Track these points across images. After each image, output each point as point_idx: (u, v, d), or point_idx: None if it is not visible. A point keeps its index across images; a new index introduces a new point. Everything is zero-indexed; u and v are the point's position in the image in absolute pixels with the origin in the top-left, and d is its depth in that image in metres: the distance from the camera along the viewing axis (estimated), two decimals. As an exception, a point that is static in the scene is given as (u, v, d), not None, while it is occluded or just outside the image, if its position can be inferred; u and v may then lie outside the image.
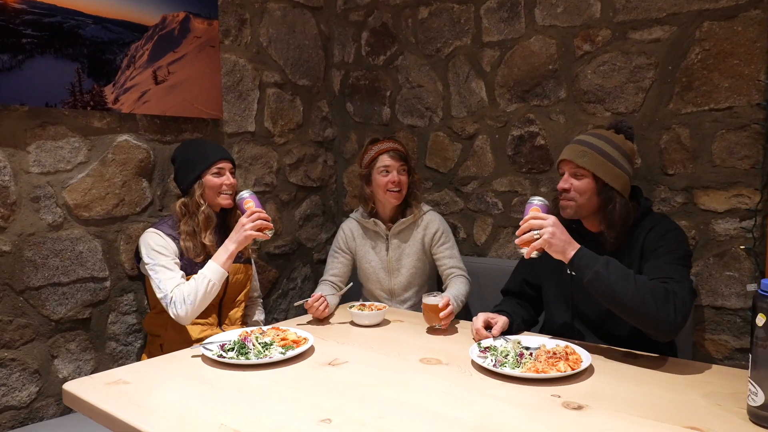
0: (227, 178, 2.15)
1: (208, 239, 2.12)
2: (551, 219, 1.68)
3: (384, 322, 2.18)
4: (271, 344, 1.81)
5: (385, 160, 2.37)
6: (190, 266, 2.10)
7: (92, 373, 2.23)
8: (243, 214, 2.04)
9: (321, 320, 2.22)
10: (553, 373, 1.57)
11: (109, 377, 1.62)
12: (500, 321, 1.90)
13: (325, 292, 2.34)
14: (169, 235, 2.09)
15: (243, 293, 2.31)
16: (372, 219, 2.46)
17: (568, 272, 1.93)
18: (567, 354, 1.68)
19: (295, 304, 2.24)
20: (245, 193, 2.07)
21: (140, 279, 2.34)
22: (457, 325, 2.14)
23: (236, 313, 2.29)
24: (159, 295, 2.00)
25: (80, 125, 2.23)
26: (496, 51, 2.72)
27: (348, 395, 1.49)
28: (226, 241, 2.05)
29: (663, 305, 1.59)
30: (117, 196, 2.36)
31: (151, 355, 2.11)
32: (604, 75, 2.43)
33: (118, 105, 2.30)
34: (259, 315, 2.45)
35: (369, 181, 2.42)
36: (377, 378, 1.61)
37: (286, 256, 3.11)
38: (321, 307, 2.18)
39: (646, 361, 1.71)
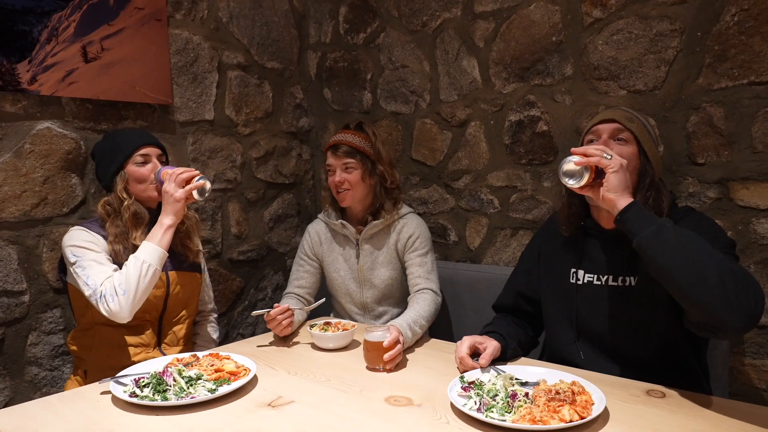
0: (154, 166, 1.82)
1: (139, 240, 1.77)
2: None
3: (353, 345, 1.80)
4: (198, 379, 1.43)
5: (328, 157, 2.08)
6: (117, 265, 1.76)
7: (6, 405, 1.87)
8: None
9: (281, 340, 1.85)
10: (555, 424, 1.19)
11: (-20, 425, 1.26)
12: (490, 347, 1.53)
13: (292, 306, 1.96)
14: (97, 232, 1.77)
15: (189, 307, 1.93)
16: (340, 221, 2.10)
17: (572, 280, 1.56)
18: (574, 394, 1.29)
19: (253, 313, 1.87)
20: (161, 168, 1.79)
21: (67, 291, 1.97)
22: (436, 350, 1.75)
23: (181, 330, 1.92)
24: (87, 293, 1.65)
25: (-13, 109, 1.86)
26: (491, 23, 2.33)
27: (275, 459, 1.12)
28: (159, 218, 1.74)
29: (744, 287, 1.21)
30: (37, 195, 1.98)
31: (77, 384, 1.76)
32: (618, 46, 2.03)
33: (35, 86, 1.93)
34: (213, 333, 2.08)
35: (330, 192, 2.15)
36: (324, 428, 1.25)
37: (253, 263, 2.73)
38: (285, 322, 1.81)
39: (676, 400, 1.32)
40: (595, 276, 1.58)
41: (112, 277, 1.66)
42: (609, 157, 1.35)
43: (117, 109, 2.18)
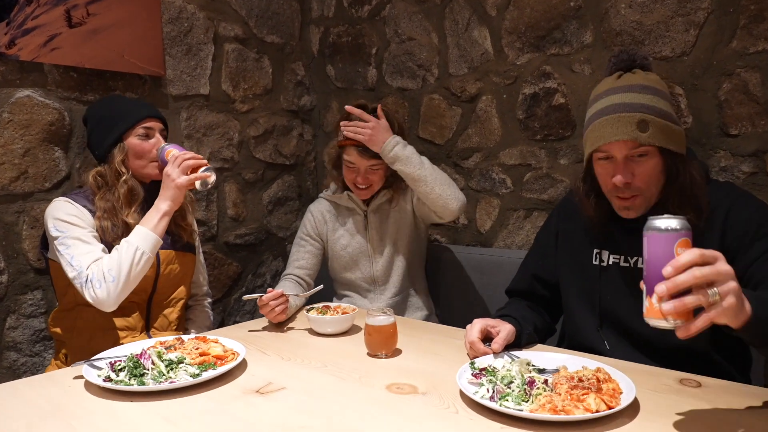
0: (158, 142, 1.68)
1: (132, 217, 1.62)
2: (722, 261, 0.96)
3: (353, 330, 1.66)
4: (180, 363, 1.29)
5: (351, 153, 1.90)
6: (108, 252, 1.61)
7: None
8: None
9: (276, 326, 1.71)
10: (580, 414, 1.03)
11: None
12: (503, 331, 1.38)
13: (289, 290, 1.82)
14: (84, 206, 1.62)
15: (181, 289, 1.79)
16: (346, 193, 2.00)
17: (595, 262, 1.44)
18: (599, 381, 1.14)
19: (244, 297, 1.73)
20: (165, 145, 1.63)
21: (48, 268, 1.83)
22: (443, 336, 1.60)
23: (171, 314, 1.77)
24: (71, 275, 1.51)
25: (-39, 74, 1.73)
26: (504, -11, 2.17)
27: (261, 449, 0.98)
28: (156, 201, 1.60)
29: None
30: (17, 168, 1.85)
31: (57, 369, 1.63)
32: (642, 9, 1.87)
33: (14, 50, 1.79)
34: (205, 319, 1.94)
35: (339, 165, 1.98)
36: (317, 416, 1.11)
37: (251, 247, 2.59)
38: (278, 309, 1.66)
39: (713, 390, 1.17)
40: (622, 257, 1.43)
41: (101, 261, 1.52)
42: (715, 294, 0.92)
43: (104, 79, 2.04)
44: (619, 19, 1.92)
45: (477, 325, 1.40)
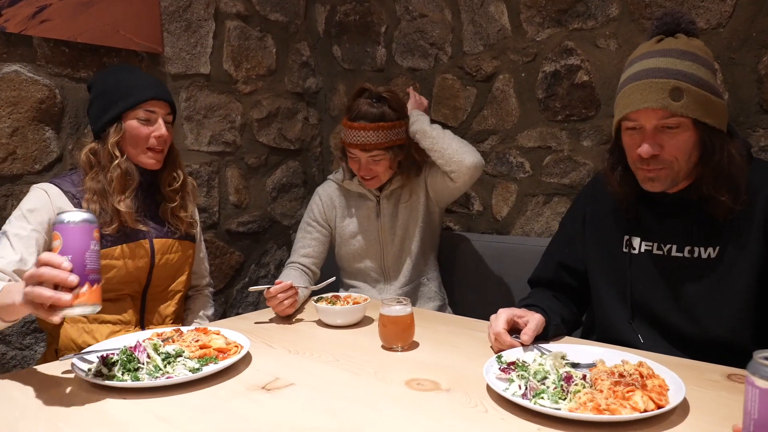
0: (158, 128, 1.50)
1: (123, 205, 1.48)
2: None
3: (364, 321, 1.54)
4: (178, 356, 1.17)
5: (352, 149, 1.80)
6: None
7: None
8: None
9: (283, 318, 1.59)
10: (627, 414, 0.91)
11: None
12: (533, 321, 1.26)
13: (294, 280, 1.70)
14: (67, 192, 1.47)
15: (179, 281, 1.67)
16: (356, 178, 1.88)
17: (625, 249, 1.34)
18: (642, 377, 1.02)
19: (251, 288, 1.63)
20: (63, 216, 1.01)
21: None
22: (462, 328, 1.49)
23: (168, 307, 1.65)
24: None
25: (-57, 46, 1.61)
26: (523, -40, 2.04)
27: (269, 453, 0.87)
28: (20, 285, 1.09)
29: None
30: (4, 148, 1.73)
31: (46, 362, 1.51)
32: (675, -23, 1.75)
33: (0, 21, 1.67)
34: (206, 310, 1.81)
35: (345, 152, 1.87)
36: (329, 415, 1.00)
37: (254, 236, 2.47)
38: (287, 302, 1.55)
39: None
40: (655, 245, 1.32)
41: None
42: None
43: (98, 55, 1.92)
44: (648, -10, 1.79)
45: (503, 316, 1.28)
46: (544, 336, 1.30)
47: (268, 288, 1.57)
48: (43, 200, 1.43)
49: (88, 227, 1.01)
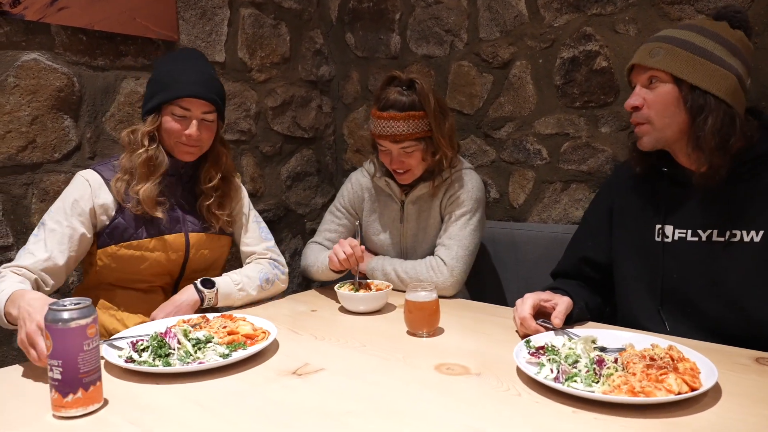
0: (190, 127, 1.45)
1: (142, 190, 1.45)
2: None
3: (387, 308, 1.55)
4: (208, 342, 1.18)
5: (382, 141, 1.69)
6: (126, 221, 1.47)
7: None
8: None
9: (303, 303, 1.60)
10: (663, 396, 0.92)
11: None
12: (561, 303, 1.27)
13: (321, 256, 1.73)
14: (107, 181, 1.47)
15: (211, 271, 1.64)
16: (384, 178, 1.78)
17: (657, 238, 1.33)
18: (673, 360, 1.03)
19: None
20: (54, 314, 0.93)
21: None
22: (486, 314, 1.49)
23: None
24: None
25: (-37, 34, 1.61)
26: (540, -55, 2.02)
27: (311, 431, 0.87)
28: (25, 298, 1.15)
29: None
30: (24, 136, 1.73)
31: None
32: (697, -39, 1.73)
33: (19, 9, 1.67)
34: (257, 271, 1.66)
35: (376, 147, 1.77)
36: (363, 399, 1.00)
37: (269, 224, 2.44)
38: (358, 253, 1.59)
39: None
40: (689, 231, 1.31)
41: (3, 274, 1.32)
42: None
43: (115, 43, 1.91)
44: (669, -26, 1.78)
45: (528, 300, 1.28)
46: (567, 319, 1.30)
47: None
48: (84, 191, 1.45)
49: (80, 328, 0.92)
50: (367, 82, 2.61)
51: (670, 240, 1.33)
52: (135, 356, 1.14)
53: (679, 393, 0.93)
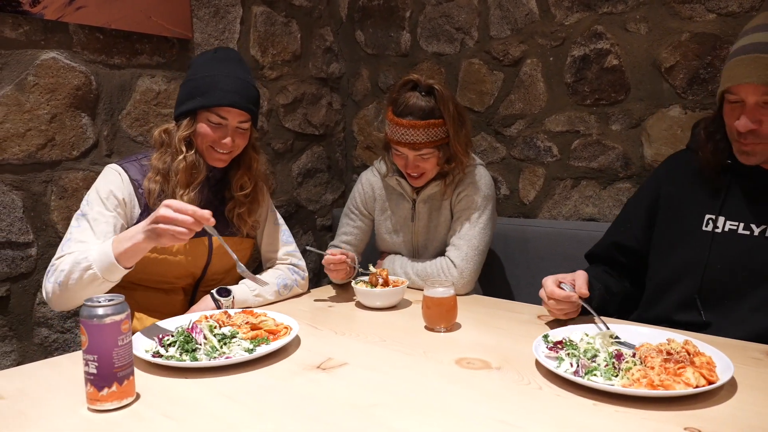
0: (225, 135, 1.45)
1: (187, 199, 1.44)
2: None
3: (403, 304, 1.57)
4: (232, 337, 1.21)
5: (399, 147, 1.67)
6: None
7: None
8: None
9: (320, 299, 1.62)
10: (682, 389, 0.94)
11: (-23, 388, 1.05)
12: (579, 277, 1.32)
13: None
14: (133, 180, 1.46)
15: (233, 276, 1.64)
16: (395, 177, 1.78)
17: (706, 228, 1.34)
18: (690, 355, 1.05)
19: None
20: (90, 309, 0.95)
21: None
22: (502, 310, 1.52)
23: None
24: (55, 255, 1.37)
25: (-16, 33, 1.63)
26: (552, -56, 2.04)
27: (336, 423, 0.91)
28: (143, 224, 1.25)
29: None
30: (43, 134, 1.76)
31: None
32: (708, -40, 1.75)
33: (38, 8, 1.69)
34: (275, 277, 1.65)
35: (389, 148, 1.76)
36: (388, 392, 1.02)
37: (281, 221, 2.50)
38: (339, 273, 1.67)
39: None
40: (742, 224, 1.31)
41: (71, 256, 1.31)
42: None
43: (131, 42, 1.93)
44: (681, -27, 1.80)
45: (549, 279, 1.32)
46: (588, 301, 1.30)
47: (322, 255, 1.65)
48: (118, 183, 1.44)
49: (114, 324, 0.95)
50: (377, 79, 2.63)
51: (720, 231, 1.34)
52: (162, 351, 1.17)
53: (697, 386, 0.95)
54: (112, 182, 1.44)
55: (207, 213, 1.19)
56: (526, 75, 2.17)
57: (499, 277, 2.11)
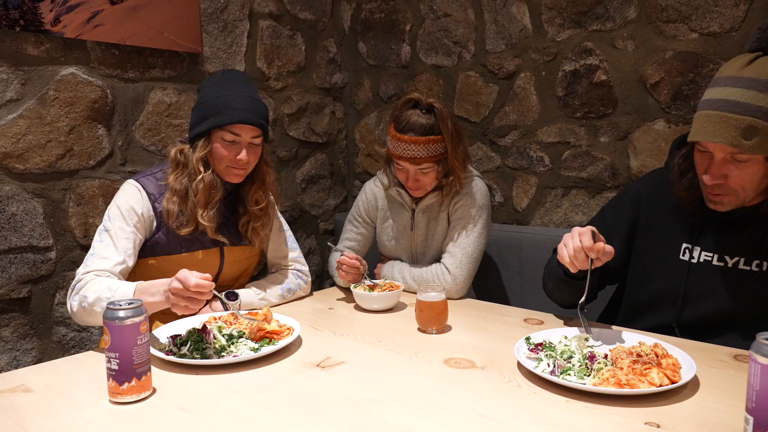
0: (241, 152, 1.50)
1: (207, 218, 1.51)
2: None
3: (399, 306, 1.68)
4: (240, 337, 1.32)
5: (400, 161, 1.77)
6: (167, 237, 1.52)
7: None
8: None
9: (322, 301, 1.72)
10: (646, 388, 1.04)
11: (8, 381, 1.16)
12: (610, 246, 1.32)
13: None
14: (150, 195, 1.51)
15: (240, 282, 1.74)
16: (396, 188, 1.88)
17: (683, 257, 1.38)
18: (658, 357, 1.15)
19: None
20: (113, 312, 1.06)
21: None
22: (491, 313, 1.62)
23: None
24: (79, 268, 1.43)
25: (8, 51, 1.74)
26: (544, -37, 2.14)
27: (334, 417, 1.01)
28: (158, 284, 1.32)
29: None
30: (63, 145, 1.87)
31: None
32: (691, -17, 1.84)
33: (59, 27, 1.80)
34: (278, 285, 1.72)
35: (390, 161, 1.86)
36: (383, 389, 1.13)
37: (285, 225, 2.61)
38: (350, 275, 1.76)
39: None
40: (716, 256, 1.35)
41: (99, 280, 1.37)
42: None
43: (144, 56, 2.04)
44: (665, -6, 1.89)
45: (584, 231, 1.31)
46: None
47: (342, 253, 1.75)
48: (138, 199, 1.50)
49: (134, 325, 1.05)
50: (378, 89, 2.73)
51: (696, 261, 1.37)
52: (174, 349, 1.28)
53: (661, 385, 1.06)
54: (132, 197, 1.50)
55: (207, 284, 1.26)
56: (519, 88, 2.27)
57: (493, 281, 2.21)
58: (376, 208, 1.96)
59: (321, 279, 2.74)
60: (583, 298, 1.34)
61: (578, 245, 1.29)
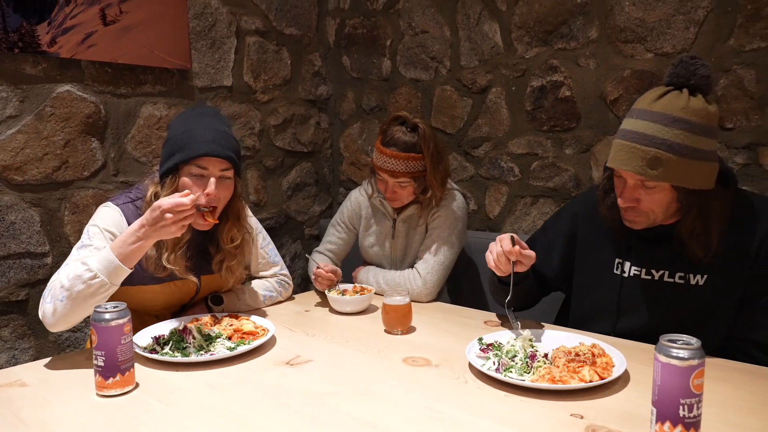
0: (209, 186, 1.44)
1: (172, 260, 1.47)
2: None
3: (370, 309, 1.80)
4: (217, 337, 1.44)
5: (381, 172, 1.88)
6: (141, 267, 1.46)
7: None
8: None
9: (299, 305, 1.84)
10: (574, 384, 1.17)
11: (6, 377, 1.29)
12: (529, 251, 1.46)
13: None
14: (128, 221, 1.48)
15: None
16: (379, 198, 2.00)
17: (616, 271, 1.49)
18: (594, 356, 1.28)
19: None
20: (99, 314, 1.18)
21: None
22: (453, 315, 1.74)
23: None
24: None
25: (8, 71, 1.87)
26: (514, -15, 2.27)
27: (297, 409, 1.13)
28: (129, 231, 1.33)
29: None
30: (58, 158, 2.00)
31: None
32: (645, 6, 1.97)
33: (55, 48, 1.92)
34: (261, 289, 1.79)
35: (375, 172, 1.97)
36: (343, 384, 1.25)
37: (271, 231, 2.73)
38: (325, 282, 1.85)
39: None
40: (644, 270, 1.45)
41: (65, 270, 1.36)
42: None
43: (135, 74, 2.17)
44: (623, 16, 2.02)
45: (506, 238, 1.45)
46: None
47: (318, 266, 1.84)
48: (117, 219, 1.49)
49: (118, 326, 1.17)
50: (361, 100, 2.86)
51: (627, 275, 1.47)
52: (157, 348, 1.40)
53: (590, 381, 1.18)
54: (112, 219, 1.48)
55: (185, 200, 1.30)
56: (491, 102, 2.39)
57: (465, 285, 2.33)
58: (360, 216, 2.08)
59: (306, 281, 2.87)
60: (509, 297, 1.47)
61: (500, 250, 1.43)
